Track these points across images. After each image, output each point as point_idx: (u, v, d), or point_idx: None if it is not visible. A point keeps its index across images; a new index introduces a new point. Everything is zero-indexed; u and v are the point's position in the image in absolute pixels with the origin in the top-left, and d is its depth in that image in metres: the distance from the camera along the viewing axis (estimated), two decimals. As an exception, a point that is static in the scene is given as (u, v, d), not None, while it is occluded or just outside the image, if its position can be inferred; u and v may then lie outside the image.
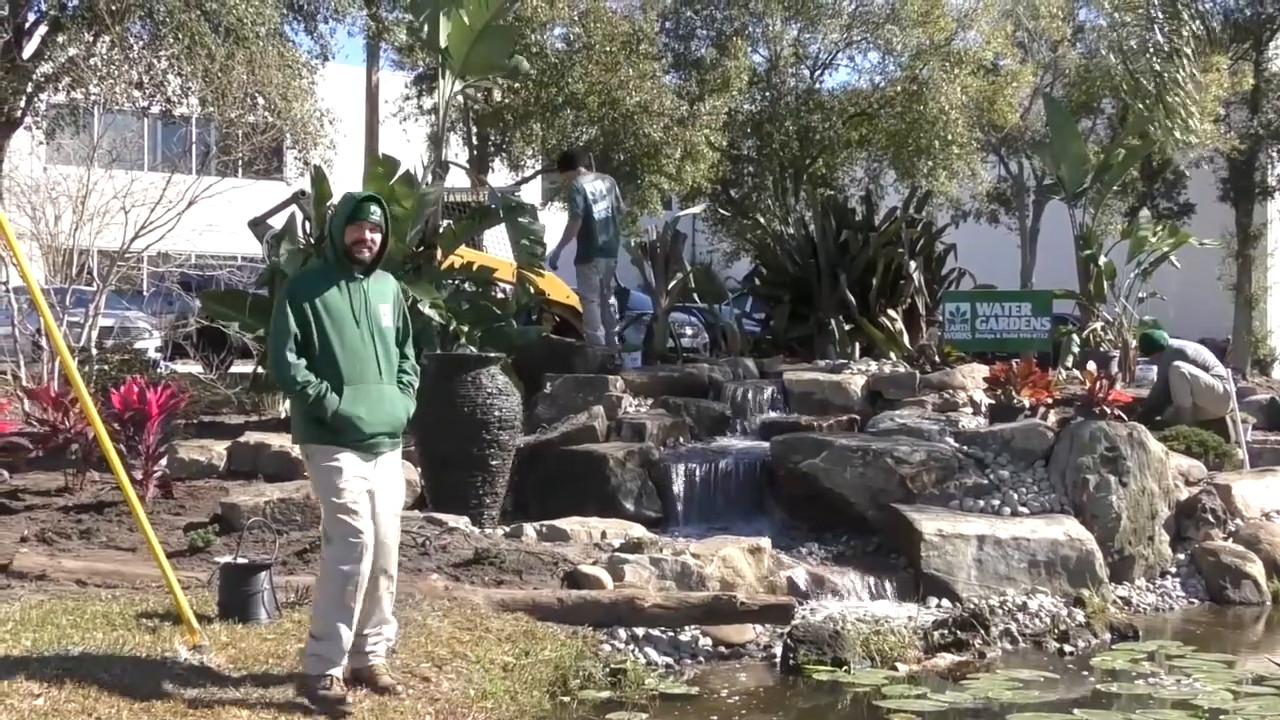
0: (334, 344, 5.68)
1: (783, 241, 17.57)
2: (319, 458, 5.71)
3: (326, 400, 5.62)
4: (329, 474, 5.66)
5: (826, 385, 12.78)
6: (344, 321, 5.71)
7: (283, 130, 18.88)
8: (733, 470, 10.87)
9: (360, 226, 5.79)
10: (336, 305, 5.72)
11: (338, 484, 5.64)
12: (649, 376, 13.07)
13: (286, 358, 5.65)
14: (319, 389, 5.63)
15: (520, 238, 12.55)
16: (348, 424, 5.66)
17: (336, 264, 5.81)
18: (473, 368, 9.73)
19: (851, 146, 29.13)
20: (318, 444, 5.72)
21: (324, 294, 5.72)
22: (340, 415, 5.64)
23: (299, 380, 5.63)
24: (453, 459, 9.56)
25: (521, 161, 27.11)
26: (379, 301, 5.84)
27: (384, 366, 5.80)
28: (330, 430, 5.66)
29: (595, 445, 10.97)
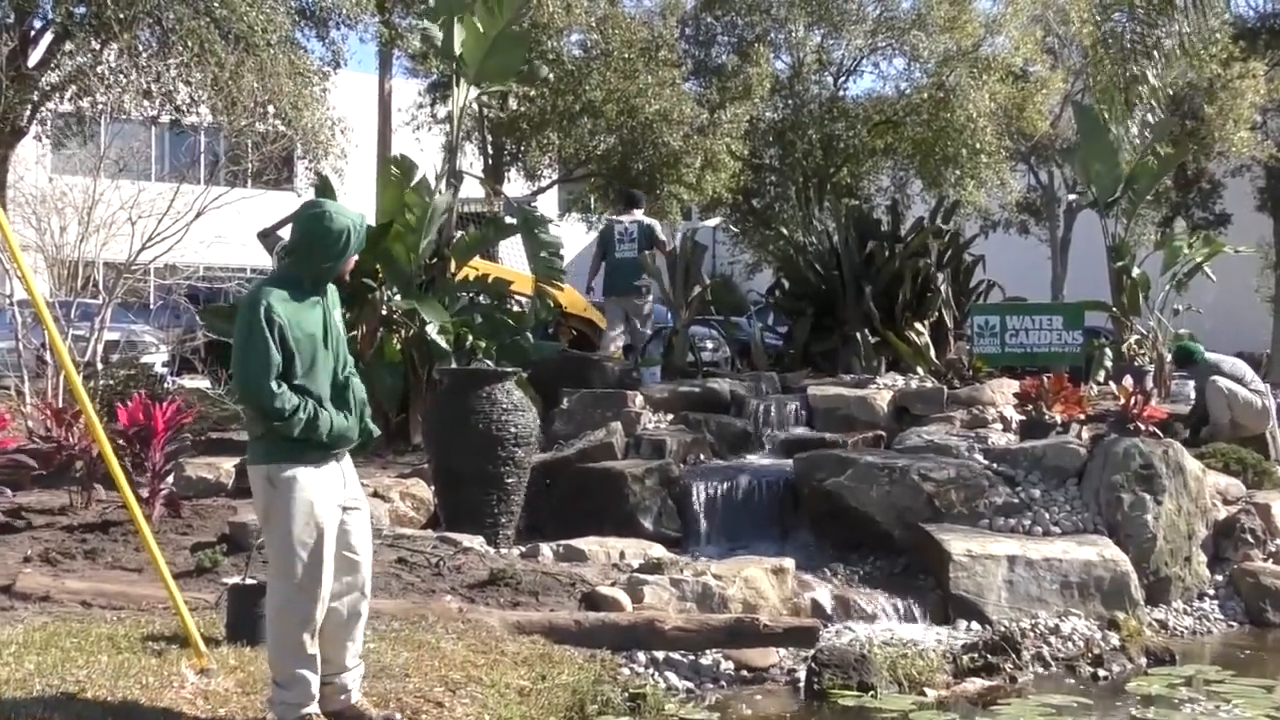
0: (309, 370, 5.34)
1: (806, 253, 17.54)
2: (289, 481, 5.31)
3: (321, 419, 5.31)
4: (300, 501, 5.29)
5: (851, 401, 12.75)
6: (316, 340, 5.37)
7: (293, 139, 18.95)
8: (755, 488, 10.84)
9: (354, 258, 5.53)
10: (309, 324, 5.36)
11: (310, 513, 5.30)
12: (668, 392, 13.06)
13: (272, 389, 5.22)
14: (310, 409, 5.29)
15: (537, 250, 12.56)
16: (336, 441, 5.39)
17: (313, 282, 5.43)
18: (488, 383, 9.72)
19: (876, 155, 29.13)
20: (292, 464, 5.32)
21: (296, 311, 5.32)
22: (335, 432, 5.35)
23: (288, 408, 5.24)
24: (467, 476, 9.54)
25: (538, 171, 27.18)
26: (334, 309, 5.52)
27: (341, 377, 5.50)
28: (313, 448, 5.34)
29: (613, 462, 10.96)
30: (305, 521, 5.30)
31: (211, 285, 16.69)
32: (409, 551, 8.57)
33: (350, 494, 5.52)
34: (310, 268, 5.41)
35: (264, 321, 5.24)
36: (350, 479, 5.56)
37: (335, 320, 5.51)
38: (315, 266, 5.41)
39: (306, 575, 5.30)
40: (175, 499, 9.77)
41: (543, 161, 26.67)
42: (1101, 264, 17.00)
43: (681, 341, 15.20)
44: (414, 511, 10.15)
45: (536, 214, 13.12)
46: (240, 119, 17.18)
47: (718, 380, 13.67)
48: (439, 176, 12.68)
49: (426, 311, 11.62)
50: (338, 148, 20.26)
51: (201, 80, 18.09)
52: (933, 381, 13.59)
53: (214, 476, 10.68)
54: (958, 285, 16.26)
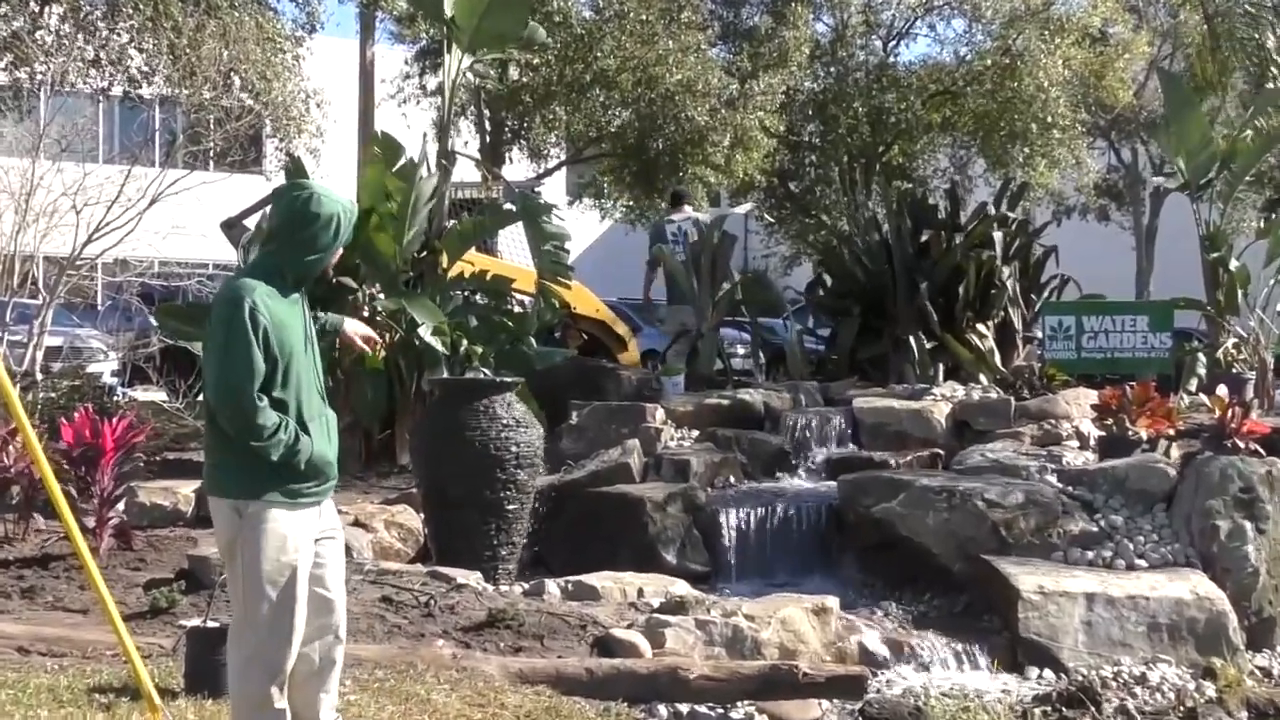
0: (292, 378, 5.28)
1: (851, 244, 17.55)
2: (263, 517, 5.24)
3: (302, 444, 5.24)
4: (272, 535, 5.23)
5: (904, 414, 12.74)
6: (298, 348, 5.31)
7: (262, 115, 18.99)
8: (793, 516, 10.84)
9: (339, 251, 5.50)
10: (292, 328, 5.30)
11: (283, 549, 5.24)
12: (693, 404, 13.06)
13: (255, 401, 5.13)
14: (291, 433, 5.22)
15: (541, 241, 12.58)
16: (316, 470, 5.32)
17: (295, 280, 5.38)
18: (485, 395, 9.73)
19: (933, 131, 29.08)
20: (268, 499, 5.25)
21: (279, 315, 5.25)
22: (314, 461, 5.28)
23: (270, 425, 5.16)
24: (461, 503, 9.55)
25: (543, 151, 27.20)
26: (308, 310, 5.49)
27: (320, 387, 5.45)
28: (290, 481, 5.27)
29: (630, 486, 10.97)
30: (277, 558, 5.24)
31: (168, 283, 16.74)
32: (395, 589, 8.57)
33: (324, 524, 5.46)
34: (293, 261, 5.34)
35: (248, 321, 5.14)
36: (326, 508, 5.51)
37: (309, 318, 5.46)
38: (299, 260, 5.35)
39: (276, 619, 5.24)
40: (126, 529, 9.78)
41: (548, 140, 26.66)
42: (1193, 255, 16.96)
43: (708, 347, 15.20)
44: (400, 543, 10.16)
45: (541, 200, 13.14)
46: (201, 91, 17.22)
47: (750, 391, 13.67)
48: (428, 157, 12.70)
49: (415, 312, 11.64)
50: (312, 124, 20.31)
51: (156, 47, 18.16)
52: (998, 392, 13.57)
53: (171, 503, 10.70)
54: (1027, 280, 16.23)
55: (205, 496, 10.57)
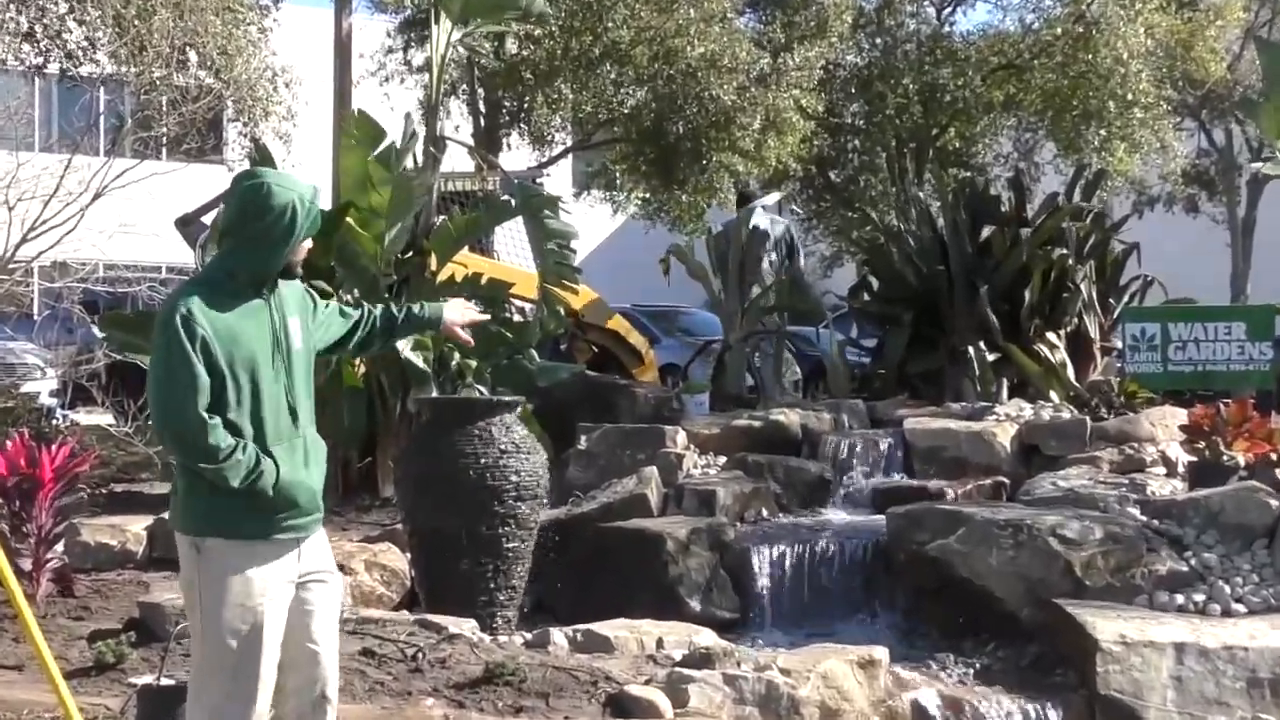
0: (248, 394, 5.24)
1: (901, 241, 17.52)
2: (223, 555, 5.22)
3: (264, 469, 5.18)
4: (238, 582, 5.20)
5: (962, 437, 12.72)
6: (258, 359, 5.26)
7: (222, 95, 19.04)
8: (835, 554, 10.84)
9: (307, 240, 5.45)
10: (248, 337, 5.25)
11: (248, 594, 5.20)
12: (720, 426, 13.06)
13: (202, 418, 5.09)
14: (251, 455, 5.16)
15: (544, 240, 12.59)
16: (287, 500, 5.25)
17: (250, 280, 5.33)
18: (480, 416, 9.72)
19: (994, 111, 29.11)
20: (229, 533, 5.22)
21: (228, 322, 5.21)
22: (282, 487, 5.21)
23: (224, 445, 5.12)
24: (454, 541, 9.53)
25: (546, 136, 27.26)
26: (286, 317, 5.40)
27: (304, 411, 5.39)
28: (257, 512, 5.23)
29: (648, 521, 10.97)
30: (240, 603, 5.21)
31: (115, 289, 16.76)
32: (377, 640, 8.56)
33: (310, 565, 5.40)
34: (246, 259, 5.32)
35: (182, 334, 5.14)
36: (311, 546, 5.43)
37: (292, 333, 5.40)
38: (251, 257, 5.32)
39: (238, 676, 5.21)
40: (67, 573, 9.78)
41: (551, 123, 26.74)
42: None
43: (736, 360, 15.22)
44: (384, 587, 10.16)
45: (543, 192, 13.16)
46: (151, 69, 17.27)
47: (784, 411, 13.66)
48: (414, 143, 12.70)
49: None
50: (281, 106, 20.38)
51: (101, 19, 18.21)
52: (1071, 411, 13.54)
53: (119, 542, 10.70)
54: (1104, 283, 16.21)
55: (159, 535, 10.63)
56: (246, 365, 5.21)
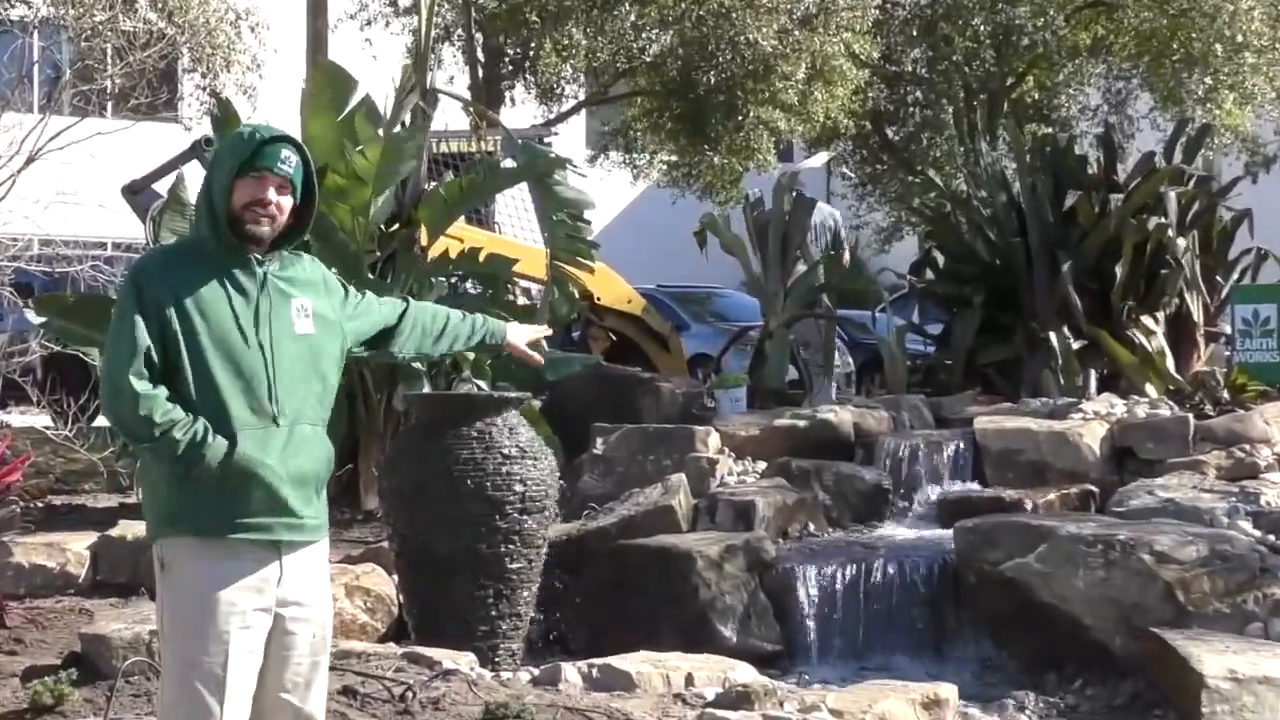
0: (214, 371, 5.28)
1: (970, 209, 17.50)
2: (174, 561, 5.28)
3: (208, 444, 5.20)
4: (188, 594, 5.23)
5: (1043, 438, 12.69)
6: (230, 334, 5.31)
7: (177, 42, 19.04)
8: (894, 575, 10.81)
9: (261, 181, 5.41)
10: (219, 307, 5.31)
11: (208, 615, 5.19)
12: (759, 427, 13.05)
13: (130, 384, 5.17)
14: (191, 429, 5.19)
15: (553, 209, 12.58)
16: (244, 481, 5.23)
17: (217, 241, 5.40)
18: (480, 416, 9.72)
19: (1080, 56, 29.03)
20: (188, 535, 5.26)
21: (194, 288, 5.29)
22: (236, 463, 5.21)
23: (156, 418, 5.16)
24: (449, 561, 9.54)
25: (555, 89, 27.25)
26: (289, 296, 5.46)
27: (294, 402, 5.41)
28: (213, 508, 5.24)
29: (675, 537, 10.96)
30: (188, 622, 5.23)
31: (52, 268, 16.76)
32: (360, 676, 8.58)
33: (292, 591, 5.40)
34: (212, 216, 5.42)
35: (129, 293, 5.27)
36: (296, 566, 5.42)
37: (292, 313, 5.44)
38: (204, 203, 5.44)
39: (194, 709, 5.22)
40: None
41: (562, 73, 26.73)
42: None
43: (777, 350, 15.19)
44: (367, 615, 10.17)
45: (552, 154, 13.14)
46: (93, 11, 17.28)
47: (834, 409, 13.64)
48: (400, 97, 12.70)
49: (382, 304, 11.67)
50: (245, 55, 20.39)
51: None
52: (1171, 407, 13.51)
53: (58, 564, 10.72)
54: (1210, 257, 16.16)
55: (104, 554, 10.64)
56: (214, 338, 5.27)
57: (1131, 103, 30.05)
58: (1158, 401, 13.82)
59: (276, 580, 5.31)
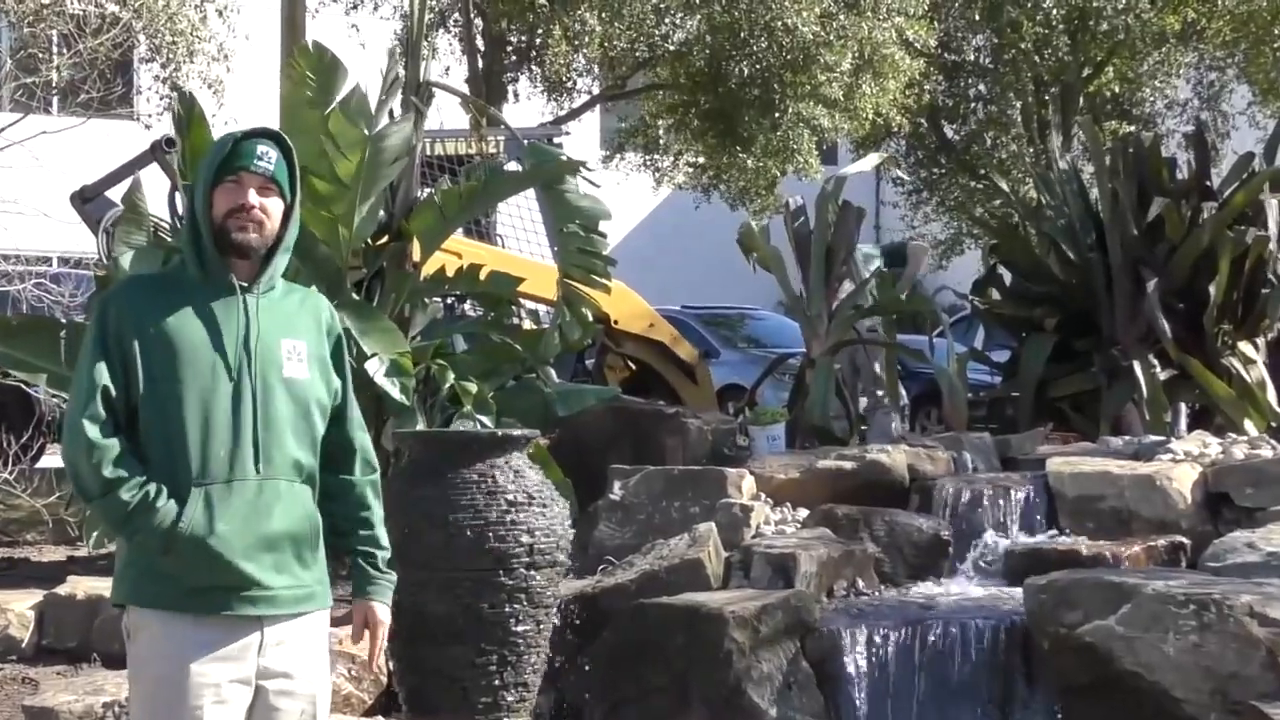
0: (183, 413, 5.31)
1: (1042, 218, 17.52)
2: (138, 633, 5.35)
3: (155, 509, 5.22)
4: (152, 668, 5.30)
5: (1126, 483, 12.67)
6: (201, 370, 5.34)
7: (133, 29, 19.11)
8: (955, 639, 10.79)
9: (238, 183, 5.45)
10: (194, 341, 5.35)
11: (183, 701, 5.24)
12: (800, 469, 13.04)
13: (84, 430, 5.24)
14: (141, 490, 5.22)
15: (564, 219, 12.61)
16: (194, 552, 5.25)
17: (200, 266, 5.45)
18: (481, 456, 9.74)
19: (1168, 43, 29.05)
20: (149, 606, 5.34)
21: (166, 320, 5.36)
22: (181, 533, 5.23)
23: (105, 472, 5.22)
24: (446, 623, 9.55)
25: (565, 81, 27.31)
26: (280, 334, 5.50)
27: (276, 454, 5.44)
28: (166, 578, 5.29)
29: (704, 595, 10.95)
30: (167, 703, 5.27)
31: (-12, 287, 16.84)
32: (344, 755, 8.62)
33: (278, 662, 5.44)
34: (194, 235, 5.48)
35: (94, 327, 5.34)
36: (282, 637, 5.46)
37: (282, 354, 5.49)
38: (186, 217, 5.52)
39: None
40: (-69, 667, 9.87)
41: (573, 65, 26.78)
42: None
43: (821, 381, 15.20)
44: (352, 684, 10.19)
45: (563, 156, 13.18)
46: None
47: (886, 449, 13.64)
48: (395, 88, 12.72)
49: (365, 335, 11.66)
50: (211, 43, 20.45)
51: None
52: (1273, 446, 13.52)
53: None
54: (1319, 275, 16.18)
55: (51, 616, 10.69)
56: (185, 378, 5.32)
57: (1226, 97, 30.11)
58: (1258, 440, 13.81)
59: (257, 648, 5.36)
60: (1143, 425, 14.56)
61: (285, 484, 5.46)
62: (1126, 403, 15.00)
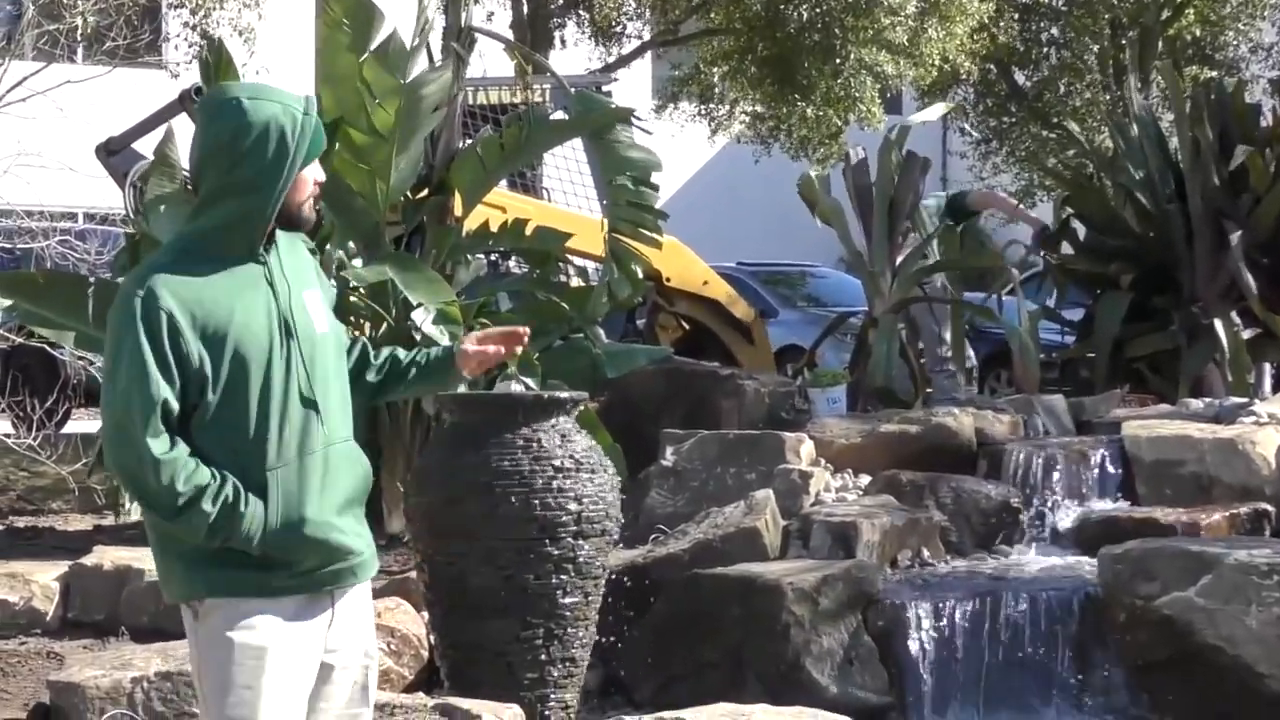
0: (244, 399, 5.28)
1: (1117, 170, 17.44)
2: (218, 621, 5.30)
3: (242, 511, 5.20)
4: (243, 656, 5.28)
5: (1207, 447, 12.61)
6: (255, 349, 5.29)
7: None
8: (1025, 612, 10.74)
9: (315, 163, 5.48)
10: (242, 319, 5.29)
11: (260, 680, 5.26)
12: (861, 434, 13.00)
13: (152, 454, 5.15)
14: (221, 494, 5.19)
15: (613, 172, 12.57)
16: (288, 540, 5.28)
17: (238, 241, 5.36)
18: (526, 420, 9.70)
19: (1251, -15, 28.94)
20: (223, 590, 5.30)
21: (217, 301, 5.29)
22: (275, 538, 5.25)
23: (179, 486, 5.16)
24: (489, 595, 9.53)
25: (615, 27, 27.27)
26: (301, 288, 5.47)
27: (332, 413, 5.44)
28: (252, 567, 5.29)
29: (761, 566, 10.91)
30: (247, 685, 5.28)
31: (13, 244, 16.86)
32: (384, 733, 8.61)
33: (338, 636, 5.49)
34: (227, 210, 5.37)
35: (140, 329, 5.18)
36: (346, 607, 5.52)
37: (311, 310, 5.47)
38: (235, 205, 5.36)
39: None
40: (-48, 641, 9.90)
41: (623, 9, 26.74)
42: None
43: (884, 340, 15.15)
44: (392, 659, 10.18)
45: (611, 105, 13.13)
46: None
47: (953, 411, 13.60)
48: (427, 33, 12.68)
49: (410, 286, 11.63)
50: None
51: None
52: (1363, 409, 13.47)
53: (21, 599, 10.77)
54: None
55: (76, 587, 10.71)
56: (240, 358, 5.26)
57: (1314, 41, 29.98)
58: (1345, 403, 13.76)
59: (328, 624, 5.43)
60: (1224, 386, 14.50)
61: (343, 446, 5.49)
62: (1207, 363, 14.94)
